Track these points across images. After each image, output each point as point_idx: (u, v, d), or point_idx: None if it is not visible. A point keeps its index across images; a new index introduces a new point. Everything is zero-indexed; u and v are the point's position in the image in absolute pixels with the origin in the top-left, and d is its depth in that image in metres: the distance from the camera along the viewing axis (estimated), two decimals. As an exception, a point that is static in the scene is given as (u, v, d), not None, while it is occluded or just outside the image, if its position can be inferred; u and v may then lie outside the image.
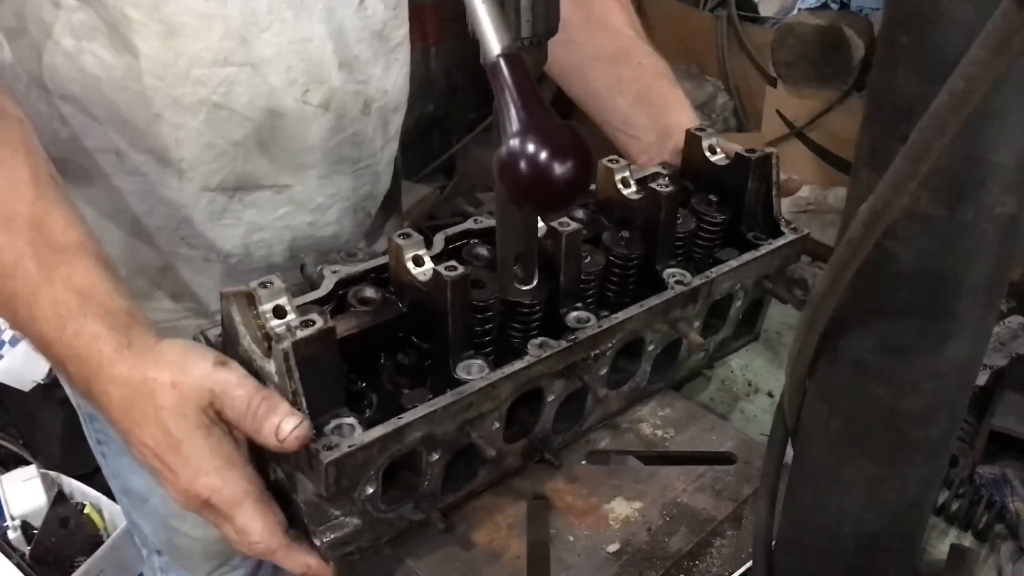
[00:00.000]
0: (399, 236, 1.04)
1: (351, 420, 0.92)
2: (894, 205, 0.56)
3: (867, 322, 0.67)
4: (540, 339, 1.04)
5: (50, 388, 2.51)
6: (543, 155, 0.64)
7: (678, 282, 1.15)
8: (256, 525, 0.89)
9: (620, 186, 1.19)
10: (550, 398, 1.08)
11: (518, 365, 1.00)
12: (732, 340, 1.36)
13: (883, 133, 0.61)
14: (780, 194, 1.27)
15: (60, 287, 0.90)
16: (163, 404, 0.86)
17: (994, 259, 0.63)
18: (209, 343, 1.02)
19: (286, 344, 0.85)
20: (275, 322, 0.91)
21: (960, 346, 0.66)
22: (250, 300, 0.93)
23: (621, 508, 1.10)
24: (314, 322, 0.88)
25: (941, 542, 1.10)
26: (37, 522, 2.23)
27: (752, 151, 1.24)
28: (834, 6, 2.51)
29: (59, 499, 2.28)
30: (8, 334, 2.46)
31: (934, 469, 0.75)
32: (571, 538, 1.06)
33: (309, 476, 0.91)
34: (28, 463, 2.45)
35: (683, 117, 1.38)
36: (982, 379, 1.32)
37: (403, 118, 1.41)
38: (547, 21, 0.76)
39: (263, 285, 0.92)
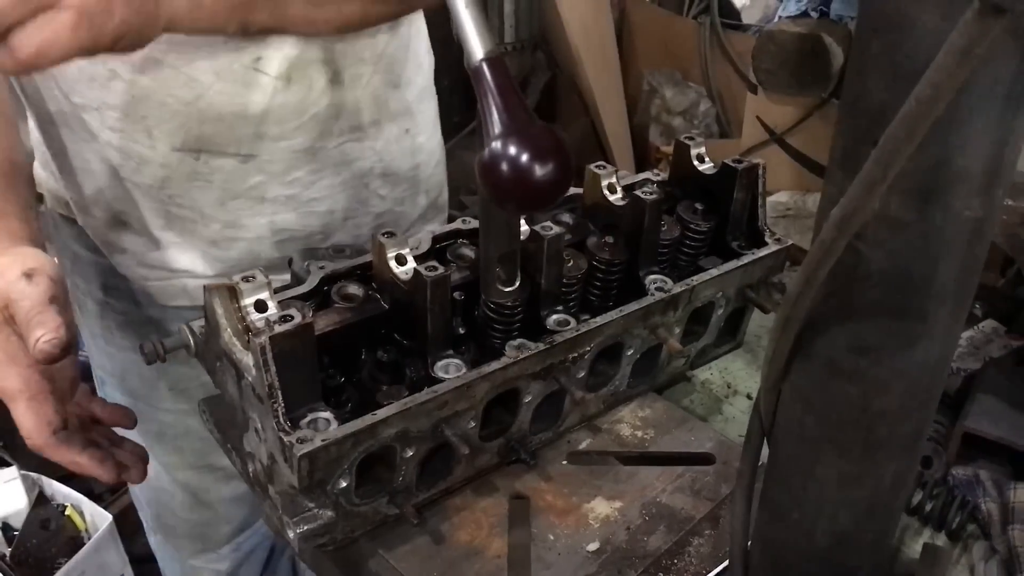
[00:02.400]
0: (383, 235, 1.05)
1: (327, 414, 0.94)
2: (864, 208, 0.57)
3: (839, 323, 0.69)
4: (518, 341, 1.06)
5: (31, 390, 2.50)
6: (524, 157, 0.65)
7: (659, 288, 1.17)
8: (27, 421, 0.97)
9: (606, 192, 1.21)
10: (527, 399, 1.09)
11: (495, 366, 1.02)
12: (714, 347, 1.38)
13: (855, 137, 0.63)
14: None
15: None
16: None
17: (962, 262, 0.64)
18: (193, 335, 1.03)
19: (263, 338, 0.87)
20: (255, 316, 0.93)
21: (929, 346, 0.68)
22: (232, 293, 0.94)
23: (601, 508, 1.12)
24: (292, 317, 0.89)
25: (915, 542, 1.11)
26: (18, 524, 2.22)
27: (739, 161, 1.26)
28: (814, 14, 2.53)
29: (40, 501, 2.27)
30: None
31: (905, 467, 0.77)
32: (551, 537, 1.07)
33: (285, 468, 0.92)
34: (8, 464, 2.43)
35: None
36: (956, 382, 1.34)
37: (413, 94, 1.39)
38: (530, 26, 0.77)
39: (246, 279, 0.94)
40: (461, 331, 1.10)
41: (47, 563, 2.16)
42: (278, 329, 0.88)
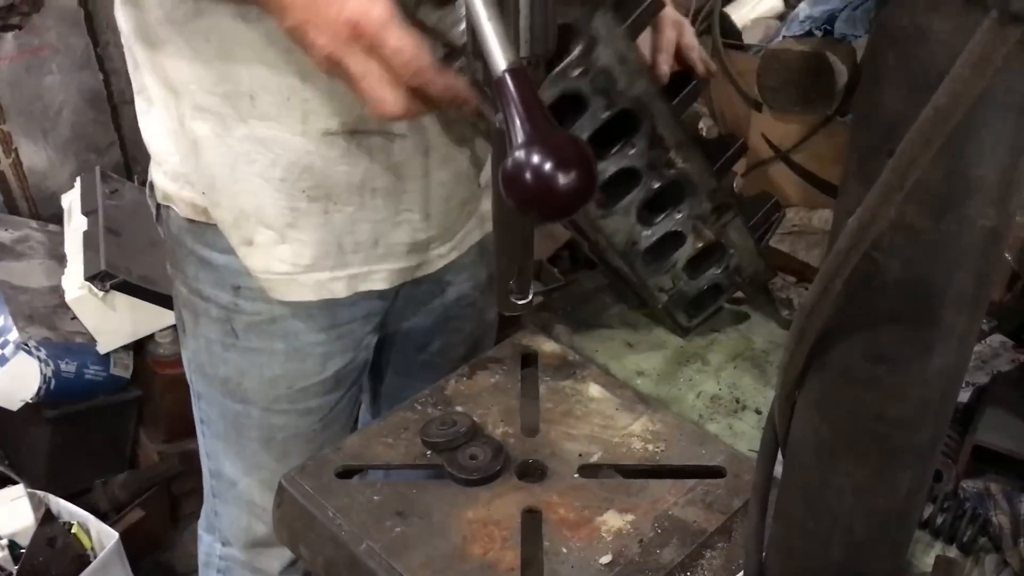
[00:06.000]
0: None
1: None
2: (881, 217, 0.58)
3: (855, 331, 0.69)
4: None
5: (38, 408, 2.50)
6: (547, 166, 0.66)
7: None
8: (408, 41, 0.93)
9: None
10: None
11: None
12: None
13: (870, 147, 0.64)
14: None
15: None
16: None
17: (977, 270, 0.65)
18: None
19: None
20: None
21: (945, 355, 0.69)
22: None
23: (613, 520, 1.12)
24: None
25: (927, 555, 1.12)
26: (24, 541, 2.21)
27: None
28: (818, 33, 2.54)
29: (46, 518, 2.26)
30: (-4, 353, 2.45)
31: (921, 476, 0.77)
32: (564, 550, 1.08)
33: None
34: (15, 483, 2.44)
35: None
36: (965, 396, 1.34)
37: None
38: (545, 41, 0.79)
39: None
40: None
41: (53, 581, 2.16)
42: None
